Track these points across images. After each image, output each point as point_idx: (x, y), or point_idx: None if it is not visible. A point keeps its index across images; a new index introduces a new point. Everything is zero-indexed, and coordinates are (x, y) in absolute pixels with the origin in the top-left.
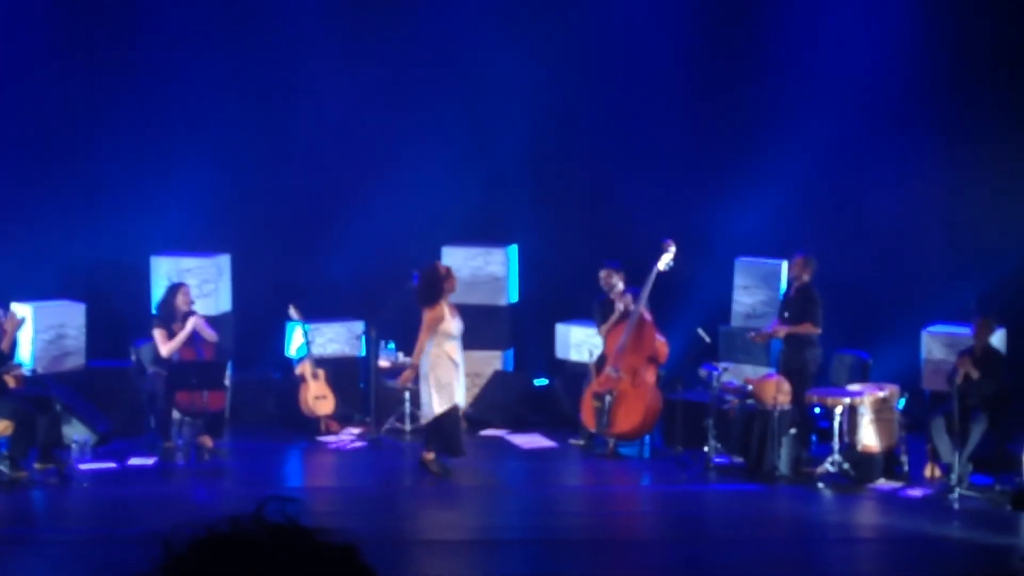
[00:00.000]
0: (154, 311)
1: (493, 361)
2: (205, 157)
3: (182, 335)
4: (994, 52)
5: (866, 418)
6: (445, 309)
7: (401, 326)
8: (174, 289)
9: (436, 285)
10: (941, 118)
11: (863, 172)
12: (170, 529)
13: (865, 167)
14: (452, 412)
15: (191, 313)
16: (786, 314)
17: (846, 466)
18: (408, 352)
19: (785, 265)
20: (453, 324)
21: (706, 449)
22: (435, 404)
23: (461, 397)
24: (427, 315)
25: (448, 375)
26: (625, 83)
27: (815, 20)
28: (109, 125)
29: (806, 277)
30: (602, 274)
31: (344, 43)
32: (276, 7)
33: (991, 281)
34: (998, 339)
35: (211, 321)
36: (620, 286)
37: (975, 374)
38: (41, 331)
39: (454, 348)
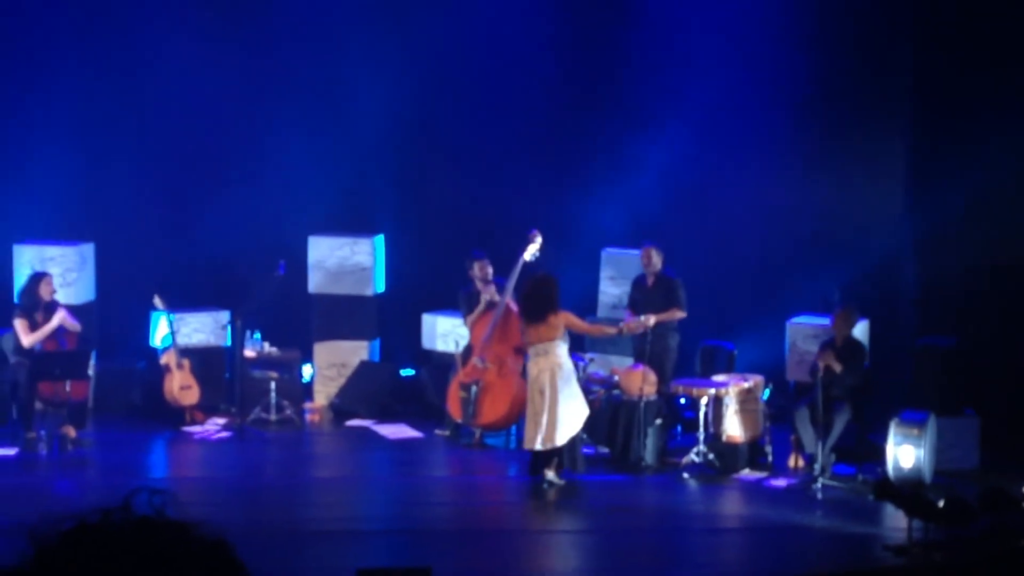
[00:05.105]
0: (16, 300)
1: (359, 351)
2: (67, 144)
3: (47, 328)
4: (856, 47)
5: (731, 408)
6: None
7: (267, 316)
8: (36, 278)
9: (556, 293)
10: (807, 111)
11: (729, 164)
12: (36, 520)
13: (732, 159)
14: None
15: (54, 303)
16: (648, 307)
17: (711, 456)
18: (274, 343)
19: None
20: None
21: None
22: (577, 418)
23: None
24: (558, 320)
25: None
26: (493, 74)
27: (679, 15)
28: None
29: (659, 266)
30: (475, 265)
31: (209, 27)
32: None
33: (854, 273)
34: (860, 330)
35: (74, 310)
36: (490, 276)
37: (836, 367)
38: None
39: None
